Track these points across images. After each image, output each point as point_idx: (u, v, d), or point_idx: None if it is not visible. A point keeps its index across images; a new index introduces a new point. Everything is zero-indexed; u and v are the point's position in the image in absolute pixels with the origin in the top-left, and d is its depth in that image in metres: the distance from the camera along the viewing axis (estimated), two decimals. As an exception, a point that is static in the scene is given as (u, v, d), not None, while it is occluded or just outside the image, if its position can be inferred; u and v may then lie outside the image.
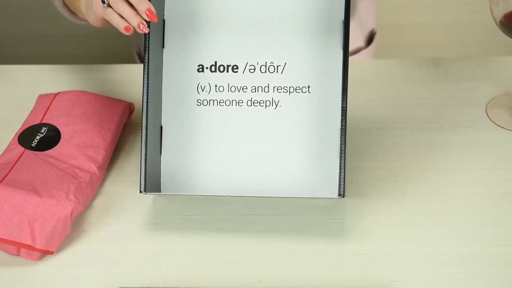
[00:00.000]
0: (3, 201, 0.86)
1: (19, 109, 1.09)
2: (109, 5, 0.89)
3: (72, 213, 0.87)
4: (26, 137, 0.97)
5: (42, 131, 0.98)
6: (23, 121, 1.07)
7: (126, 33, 0.88)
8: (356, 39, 1.27)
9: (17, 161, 0.93)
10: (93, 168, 0.94)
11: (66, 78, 1.15)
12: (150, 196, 0.95)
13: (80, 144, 0.96)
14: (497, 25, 0.97)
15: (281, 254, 0.87)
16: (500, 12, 0.96)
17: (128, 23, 0.87)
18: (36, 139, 0.97)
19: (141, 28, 0.86)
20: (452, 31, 1.95)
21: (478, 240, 0.88)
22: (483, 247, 0.87)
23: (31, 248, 0.85)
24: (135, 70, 1.16)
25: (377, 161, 0.98)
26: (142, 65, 1.22)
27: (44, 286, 0.85)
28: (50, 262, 0.87)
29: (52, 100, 1.02)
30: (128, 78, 1.13)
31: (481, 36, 1.82)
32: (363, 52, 1.29)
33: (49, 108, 1.01)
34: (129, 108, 1.05)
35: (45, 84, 1.14)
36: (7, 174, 0.90)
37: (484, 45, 1.74)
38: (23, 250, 0.86)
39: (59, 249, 0.88)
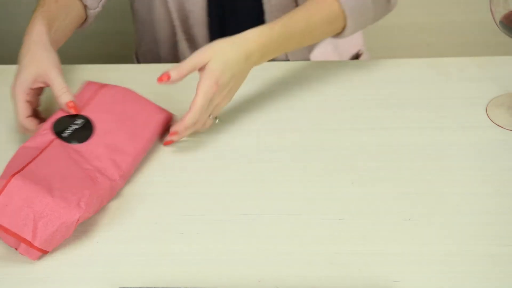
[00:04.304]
0: (16, 192, 0.86)
1: (19, 109, 1.09)
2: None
3: (78, 220, 0.87)
4: (60, 125, 0.95)
5: (78, 123, 0.96)
6: (23, 121, 1.07)
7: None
8: None
9: (44, 149, 0.92)
10: (115, 175, 0.93)
11: (66, 78, 1.14)
12: (150, 196, 0.95)
13: (110, 145, 0.95)
14: (497, 25, 0.97)
15: (281, 254, 0.87)
16: (500, 12, 0.96)
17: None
18: (70, 130, 0.95)
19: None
20: (452, 31, 1.95)
21: (478, 240, 0.88)
22: (483, 247, 0.87)
23: (29, 244, 0.85)
24: (135, 70, 1.16)
25: (377, 161, 0.98)
26: (142, 65, 1.22)
27: (43, 286, 0.85)
28: (50, 262, 0.87)
29: (97, 93, 1.00)
30: (128, 78, 1.13)
31: (481, 36, 1.82)
32: None
33: (92, 101, 0.99)
34: (170, 119, 1.03)
35: (45, 84, 1.14)
36: (28, 163, 0.89)
37: (484, 45, 1.74)
38: (22, 246, 0.86)
39: (59, 249, 0.88)
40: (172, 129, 0.97)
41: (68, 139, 0.94)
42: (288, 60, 1.22)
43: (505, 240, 0.88)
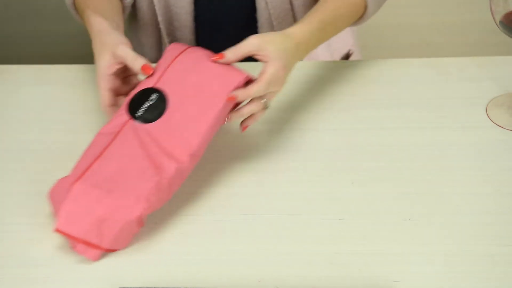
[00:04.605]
0: (78, 199, 0.86)
1: (20, 109, 1.09)
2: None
3: (140, 216, 0.87)
4: (135, 102, 0.94)
5: (152, 98, 0.93)
6: (23, 121, 1.07)
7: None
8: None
9: (116, 134, 0.91)
10: (184, 156, 0.90)
11: (66, 78, 1.15)
12: (150, 196, 0.95)
13: (181, 120, 0.92)
14: (497, 25, 0.97)
15: (281, 254, 0.87)
16: (500, 12, 0.96)
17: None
18: (143, 108, 0.93)
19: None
20: (452, 31, 1.95)
21: (478, 240, 0.88)
22: (483, 247, 0.87)
23: (98, 247, 0.86)
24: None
25: (377, 161, 0.98)
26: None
27: (43, 286, 0.85)
28: (50, 262, 0.87)
29: (176, 58, 0.96)
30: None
31: (481, 36, 1.82)
32: None
33: (168, 69, 0.96)
34: (246, 81, 0.96)
35: (45, 84, 1.14)
36: (94, 161, 0.89)
37: (484, 45, 1.74)
38: (79, 246, 0.87)
39: (59, 249, 0.88)
40: (233, 94, 0.93)
41: (141, 119, 0.93)
42: None
43: (505, 240, 0.88)
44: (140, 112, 0.93)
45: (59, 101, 1.10)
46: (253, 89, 0.92)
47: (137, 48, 1.27)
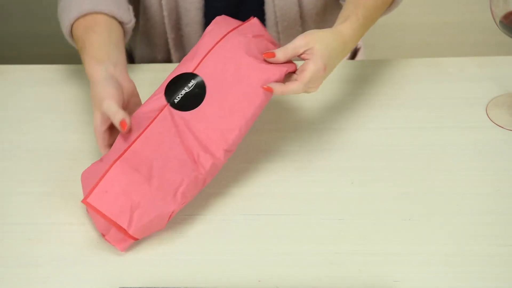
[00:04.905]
0: (116, 179, 0.86)
1: (19, 109, 1.09)
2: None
3: (174, 211, 0.87)
4: (173, 87, 0.92)
5: (190, 85, 0.92)
6: (23, 121, 1.07)
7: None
8: None
9: (153, 119, 0.90)
10: (219, 151, 0.89)
11: (66, 78, 1.15)
12: (150, 196, 0.95)
13: (218, 112, 0.91)
14: (497, 25, 0.97)
15: (281, 254, 0.87)
16: (500, 12, 0.96)
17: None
18: (181, 94, 0.92)
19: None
20: (452, 31, 1.95)
21: (478, 240, 0.88)
22: (483, 247, 0.87)
23: (123, 231, 0.85)
24: (131, 69, 1.16)
25: (377, 161, 0.98)
26: (137, 65, 1.22)
27: (43, 286, 0.85)
28: (50, 262, 0.87)
29: (217, 43, 0.94)
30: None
31: (481, 36, 1.82)
32: None
33: (209, 54, 0.94)
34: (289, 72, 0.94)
35: (45, 84, 1.14)
36: (134, 141, 0.88)
37: (484, 45, 1.74)
38: (111, 233, 0.87)
39: (59, 249, 0.88)
40: (269, 86, 0.92)
41: (178, 107, 0.92)
42: None
43: (505, 240, 0.88)
44: (177, 99, 0.92)
45: (59, 101, 1.10)
46: (290, 88, 0.92)
47: (148, 49, 1.26)
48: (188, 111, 0.91)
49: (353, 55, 1.31)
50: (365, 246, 0.88)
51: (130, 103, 0.95)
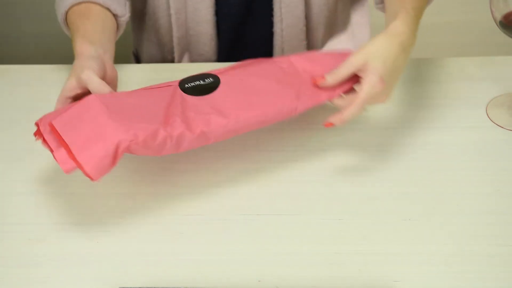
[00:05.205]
0: (86, 106, 0.86)
1: (19, 109, 1.09)
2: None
3: (119, 143, 0.83)
4: (190, 79, 0.94)
5: (206, 81, 0.94)
6: (23, 121, 1.07)
7: None
8: None
9: (157, 87, 0.92)
10: (196, 129, 0.87)
11: (66, 78, 1.15)
12: (150, 196, 0.95)
13: (216, 105, 0.90)
14: (497, 25, 0.97)
15: (281, 254, 0.87)
16: (500, 12, 0.96)
17: None
18: (194, 84, 0.93)
19: None
20: (452, 31, 1.95)
21: (478, 240, 0.88)
22: (483, 247, 0.87)
23: (63, 143, 0.83)
24: (132, 70, 1.16)
25: (377, 161, 0.99)
26: (139, 65, 1.22)
27: (43, 286, 0.85)
28: (50, 262, 0.87)
29: (250, 64, 0.97)
30: (125, 78, 1.13)
31: (481, 36, 1.82)
32: None
33: (236, 69, 0.96)
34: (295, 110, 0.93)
35: (45, 84, 1.14)
36: (121, 94, 0.90)
37: (484, 45, 1.74)
38: (59, 152, 0.84)
39: (59, 249, 0.89)
40: (329, 120, 0.93)
41: (185, 89, 0.92)
42: None
43: (505, 240, 0.88)
44: (188, 85, 0.93)
45: (59, 101, 1.10)
46: (347, 114, 0.92)
47: (156, 49, 1.26)
48: (192, 96, 0.91)
49: None
50: (365, 246, 0.88)
51: None
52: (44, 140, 0.86)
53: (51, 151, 0.85)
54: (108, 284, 0.85)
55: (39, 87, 1.13)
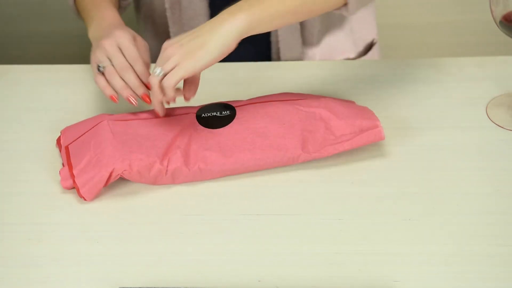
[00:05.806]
0: (95, 132, 0.95)
1: (19, 109, 1.09)
2: (103, 74, 0.97)
3: (113, 170, 0.91)
4: (207, 107, 0.98)
5: (223, 113, 0.97)
6: (23, 121, 1.07)
7: (110, 100, 0.96)
8: (344, 49, 1.26)
9: (175, 115, 0.96)
10: (193, 166, 0.93)
11: (66, 78, 1.15)
12: (150, 196, 0.95)
13: (220, 143, 0.94)
14: (497, 25, 0.97)
15: (281, 254, 0.87)
16: (500, 12, 0.96)
17: (115, 92, 0.96)
18: (209, 114, 0.97)
19: (131, 100, 0.95)
20: (452, 31, 1.95)
21: (478, 240, 0.88)
22: (483, 247, 0.87)
23: (70, 167, 0.93)
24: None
25: (377, 161, 0.98)
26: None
27: (43, 286, 0.85)
28: (50, 262, 0.87)
29: (269, 100, 1.00)
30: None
31: (481, 36, 1.82)
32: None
33: (257, 103, 0.99)
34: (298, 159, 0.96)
35: (45, 84, 1.14)
36: (135, 119, 0.95)
37: (484, 45, 1.74)
38: (64, 170, 0.94)
39: (58, 249, 0.88)
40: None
41: (200, 119, 0.96)
42: (280, 59, 1.22)
43: (505, 240, 0.88)
44: (204, 114, 0.97)
45: (59, 101, 1.10)
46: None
47: (154, 44, 1.27)
48: (204, 127, 0.96)
49: (367, 50, 1.30)
50: (365, 246, 0.88)
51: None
52: (61, 151, 0.97)
53: (63, 164, 0.96)
54: (108, 284, 0.85)
55: (39, 87, 1.13)
